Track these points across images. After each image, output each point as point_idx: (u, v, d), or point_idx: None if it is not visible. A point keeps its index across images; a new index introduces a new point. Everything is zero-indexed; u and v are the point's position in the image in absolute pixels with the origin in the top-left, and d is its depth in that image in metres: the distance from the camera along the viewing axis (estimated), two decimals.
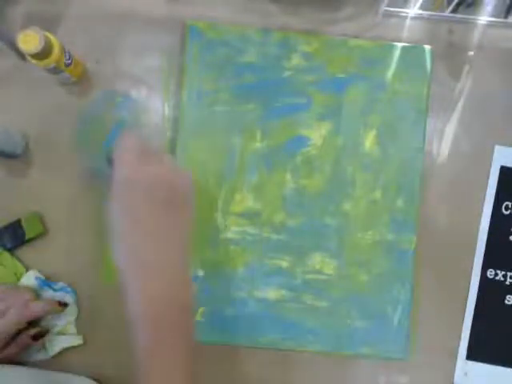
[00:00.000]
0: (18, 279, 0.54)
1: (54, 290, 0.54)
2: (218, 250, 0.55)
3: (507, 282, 0.57)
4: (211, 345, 0.55)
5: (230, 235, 0.55)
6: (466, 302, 0.56)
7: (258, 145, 0.56)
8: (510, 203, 0.57)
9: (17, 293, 0.52)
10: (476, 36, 0.59)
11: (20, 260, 0.55)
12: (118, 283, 0.55)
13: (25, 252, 0.55)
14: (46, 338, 0.53)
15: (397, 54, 0.57)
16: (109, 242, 0.42)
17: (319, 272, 0.55)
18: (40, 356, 0.53)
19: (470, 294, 0.56)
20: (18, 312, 0.49)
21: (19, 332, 0.51)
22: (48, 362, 0.53)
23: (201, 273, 0.55)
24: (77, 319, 0.55)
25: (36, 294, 0.53)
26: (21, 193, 0.56)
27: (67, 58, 0.52)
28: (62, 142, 0.56)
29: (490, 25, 0.58)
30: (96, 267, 0.55)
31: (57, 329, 0.54)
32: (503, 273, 0.57)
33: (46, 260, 0.55)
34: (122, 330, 0.55)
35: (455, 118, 0.58)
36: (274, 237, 0.55)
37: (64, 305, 0.53)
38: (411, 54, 0.57)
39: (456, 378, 0.56)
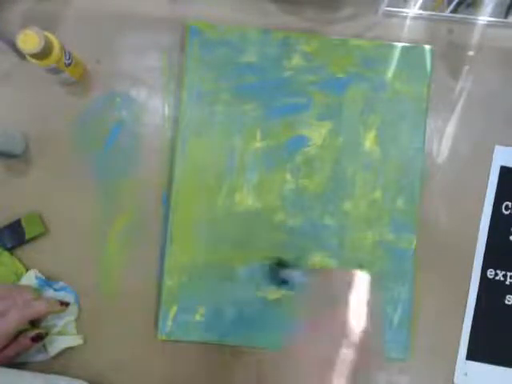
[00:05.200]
0: (18, 279, 0.54)
1: (55, 290, 0.54)
2: (218, 249, 0.55)
3: (507, 282, 0.57)
4: (211, 345, 0.55)
5: (229, 235, 0.55)
6: (466, 302, 0.56)
7: (258, 145, 0.56)
8: (510, 203, 0.57)
9: (18, 292, 0.51)
10: (476, 36, 0.58)
11: (20, 260, 0.55)
12: (117, 285, 0.55)
13: (25, 252, 0.55)
14: (47, 339, 0.53)
15: (397, 53, 0.57)
16: None
17: None
18: (40, 356, 0.53)
19: (470, 293, 0.56)
20: (19, 311, 0.49)
21: (19, 333, 0.51)
22: (48, 363, 0.53)
23: (201, 273, 0.55)
24: (77, 319, 0.55)
25: (37, 293, 0.53)
26: (21, 193, 0.56)
27: (67, 58, 0.52)
28: (62, 141, 0.56)
29: (489, 25, 0.58)
30: (96, 267, 0.55)
31: (57, 329, 0.54)
32: (503, 273, 0.57)
33: (46, 260, 0.55)
34: (122, 330, 0.55)
35: (455, 117, 0.58)
36: (274, 236, 0.55)
37: (66, 304, 0.53)
38: (411, 53, 0.57)
39: (456, 378, 0.56)
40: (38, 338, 0.51)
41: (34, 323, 0.53)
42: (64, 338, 0.54)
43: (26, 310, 0.50)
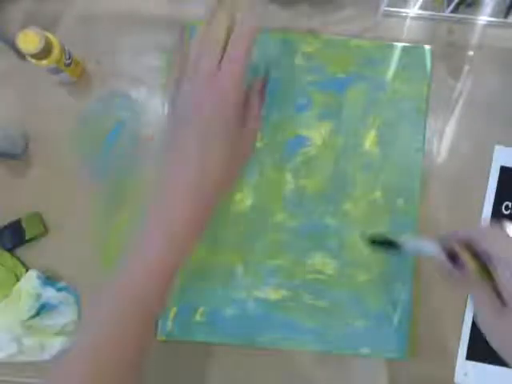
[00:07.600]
0: (18, 279, 0.54)
1: (56, 290, 0.54)
2: (218, 249, 0.55)
3: None
4: (211, 345, 0.55)
5: (229, 235, 0.55)
6: (466, 302, 0.56)
7: (257, 145, 0.56)
8: (510, 203, 0.57)
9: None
10: (476, 36, 0.59)
11: (20, 260, 0.55)
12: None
13: (25, 252, 0.55)
14: (47, 339, 0.53)
15: (397, 53, 0.57)
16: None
17: (319, 272, 0.55)
18: (39, 357, 0.53)
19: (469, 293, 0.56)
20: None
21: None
22: (47, 363, 0.53)
23: (201, 273, 0.55)
24: (77, 319, 0.55)
25: (37, 294, 0.53)
26: (21, 193, 0.56)
27: (67, 58, 0.52)
28: (62, 141, 0.56)
29: (489, 25, 0.58)
30: (96, 267, 0.55)
31: (56, 329, 0.54)
32: None
33: (46, 260, 0.55)
34: None
35: (455, 117, 0.58)
36: (274, 237, 0.55)
37: None
38: (411, 53, 0.57)
39: (456, 378, 0.56)
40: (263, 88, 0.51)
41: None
42: (64, 338, 0.54)
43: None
